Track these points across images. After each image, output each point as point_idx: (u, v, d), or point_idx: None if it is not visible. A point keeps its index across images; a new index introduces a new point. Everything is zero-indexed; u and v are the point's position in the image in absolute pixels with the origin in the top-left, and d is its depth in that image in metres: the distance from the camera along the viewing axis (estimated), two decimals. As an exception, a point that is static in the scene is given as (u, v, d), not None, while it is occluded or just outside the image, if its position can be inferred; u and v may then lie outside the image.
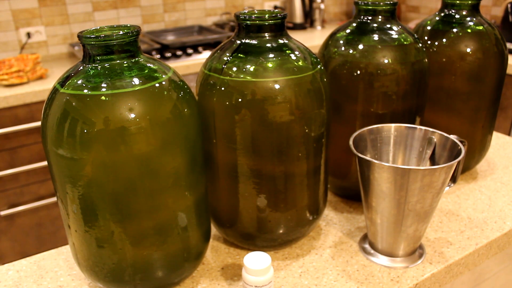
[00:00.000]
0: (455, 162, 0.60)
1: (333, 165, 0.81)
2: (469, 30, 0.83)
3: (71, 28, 2.17)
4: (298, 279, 0.66)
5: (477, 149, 0.91)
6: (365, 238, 0.74)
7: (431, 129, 0.68)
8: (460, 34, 0.83)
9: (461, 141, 0.66)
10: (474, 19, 0.84)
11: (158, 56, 2.00)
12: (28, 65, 1.74)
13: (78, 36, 0.51)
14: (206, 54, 2.04)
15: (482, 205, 0.83)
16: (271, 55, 0.61)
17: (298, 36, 2.43)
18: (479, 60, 0.82)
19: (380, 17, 0.74)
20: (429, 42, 0.85)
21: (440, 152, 0.67)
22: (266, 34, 0.62)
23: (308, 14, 2.67)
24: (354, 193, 0.82)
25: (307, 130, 0.62)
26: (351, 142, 0.65)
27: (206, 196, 0.64)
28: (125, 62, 0.53)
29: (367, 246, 0.72)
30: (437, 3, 2.67)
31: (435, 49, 0.84)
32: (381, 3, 0.74)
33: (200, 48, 2.06)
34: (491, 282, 0.90)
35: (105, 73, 0.52)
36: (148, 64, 0.55)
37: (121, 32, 0.52)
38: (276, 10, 0.64)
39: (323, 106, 0.63)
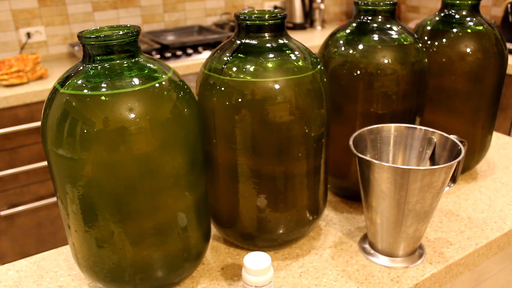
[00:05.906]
0: (455, 162, 0.60)
1: (333, 165, 0.80)
2: (469, 30, 0.83)
3: (71, 28, 2.17)
4: (298, 279, 0.66)
5: (477, 149, 0.91)
6: (365, 238, 0.74)
7: (431, 129, 0.68)
8: (460, 34, 0.83)
9: (461, 141, 0.66)
10: (474, 19, 0.84)
11: (158, 56, 2.00)
12: (28, 65, 1.74)
13: (78, 36, 0.51)
14: (206, 54, 2.04)
15: (482, 205, 0.83)
16: (271, 55, 0.61)
17: (298, 36, 2.43)
18: (479, 60, 0.82)
19: (380, 17, 0.74)
20: (429, 42, 0.85)
21: (440, 152, 0.67)
22: (266, 34, 0.62)
23: (308, 14, 2.67)
24: (354, 193, 0.82)
25: (307, 130, 0.62)
26: (351, 142, 0.65)
27: (206, 196, 0.64)
28: (125, 62, 0.53)
29: (367, 246, 0.72)
30: (437, 3, 2.67)
31: (435, 49, 0.84)
32: (381, 3, 0.74)
33: (200, 48, 2.06)
34: (491, 282, 0.89)
35: (105, 73, 0.52)
36: (148, 64, 0.55)
37: (121, 32, 0.52)
38: (276, 10, 0.64)
39: (323, 106, 0.63)
